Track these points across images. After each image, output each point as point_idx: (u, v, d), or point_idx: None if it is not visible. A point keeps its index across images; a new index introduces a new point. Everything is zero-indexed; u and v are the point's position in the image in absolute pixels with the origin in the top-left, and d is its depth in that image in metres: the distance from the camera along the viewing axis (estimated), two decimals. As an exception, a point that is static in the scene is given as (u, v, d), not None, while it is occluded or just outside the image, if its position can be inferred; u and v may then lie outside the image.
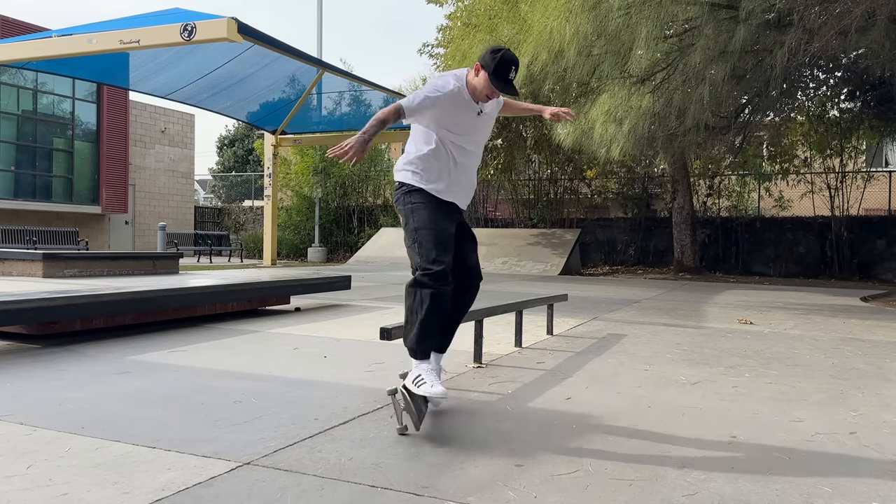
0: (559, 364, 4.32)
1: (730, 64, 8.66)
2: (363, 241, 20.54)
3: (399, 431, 2.74)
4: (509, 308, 4.70)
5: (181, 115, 24.02)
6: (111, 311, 5.01)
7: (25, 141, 18.51)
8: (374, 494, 2.12)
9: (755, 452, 2.61)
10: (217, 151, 45.55)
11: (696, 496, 2.16)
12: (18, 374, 3.69)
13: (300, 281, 7.26)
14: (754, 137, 15.36)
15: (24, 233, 16.16)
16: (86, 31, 10.84)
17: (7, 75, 17.77)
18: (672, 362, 4.47)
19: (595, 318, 6.77)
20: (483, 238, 17.39)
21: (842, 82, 13.03)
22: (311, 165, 21.22)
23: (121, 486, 2.13)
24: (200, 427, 2.77)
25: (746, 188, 18.47)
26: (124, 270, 8.44)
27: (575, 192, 19.42)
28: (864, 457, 2.59)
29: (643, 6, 8.41)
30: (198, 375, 3.76)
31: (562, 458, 2.49)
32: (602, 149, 10.62)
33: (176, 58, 12.45)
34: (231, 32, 9.62)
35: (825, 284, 13.91)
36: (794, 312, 7.79)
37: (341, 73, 14.25)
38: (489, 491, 2.17)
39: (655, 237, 18.07)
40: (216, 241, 20.82)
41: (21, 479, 2.18)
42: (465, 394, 3.48)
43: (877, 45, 8.27)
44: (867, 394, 3.67)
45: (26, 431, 2.67)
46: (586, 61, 9.67)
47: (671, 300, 9.07)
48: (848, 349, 5.18)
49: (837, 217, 16.38)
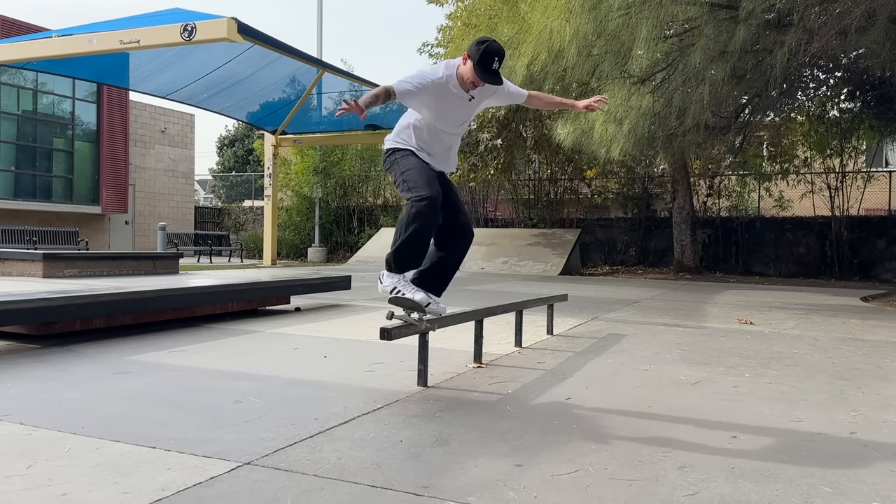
0: (559, 364, 4.32)
1: (730, 64, 8.66)
2: (363, 241, 20.54)
3: (423, 328, 3.37)
4: (509, 308, 4.69)
5: (181, 115, 24.02)
6: (111, 311, 5.00)
7: (25, 141, 18.51)
8: (374, 494, 2.12)
9: (755, 452, 2.61)
10: (217, 151, 45.56)
11: (696, 496, 2.16)
12: (18, 374, 3.69)
13: (300, 281, 7.26)
14: (754, 137, 15.36)
15: (24, 233, 16.15)
16: (86, 32, 10.84)
17: (7, 75, 17.76)
18: (672, 362, 4.47)
19: (595, 318, 6.77)
20: (483, 238, 17.39)
21: (842, 82, 13.03)
22: (311, 165, 21.22)
23: (121, 486, 2.13)
24: (200, 427, 2.77)
25: (746, 188, 18.47)
26: (124, 270, 8.44)
27: (575, 192, 19.42)
28: (864, 457, 2.59)
29: (643, 6, 8.40)
30: (198, 375, 3.76)
31: (562, 458, 2.49)
32: (602, 149, 10.62)
33: (176, 58, 12.45)
34: (231, 32, 9.62)
35: (825, 284, 13.91)
36: (794, 312, 7.79)
37: (341, 73, 14.25)
38: (489, 491, 2.16)
39: (655, 237, 18.07)
40: (216, 242, 20.81)
41: (21, 479, 2.18)
42: (465, 394, 3.48)
43: (877, 45, 8.27)
44: (867, 394, 3.67)
45: (26, 431, 2.67)
46: (586, 61, 9.67)
47: (671, 300, 9.07)
48: (848, 349, 5.18)
49: (837, 217, 16.38)
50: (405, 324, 3.33)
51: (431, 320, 3.44)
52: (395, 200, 22.70)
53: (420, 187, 3.26)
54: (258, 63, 13.11)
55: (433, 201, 3.24)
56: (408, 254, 3.31)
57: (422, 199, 3.22)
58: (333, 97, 16.43)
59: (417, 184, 3.28)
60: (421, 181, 3.30)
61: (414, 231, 3.23)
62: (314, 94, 15.76)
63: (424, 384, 3.60)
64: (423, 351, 3.61)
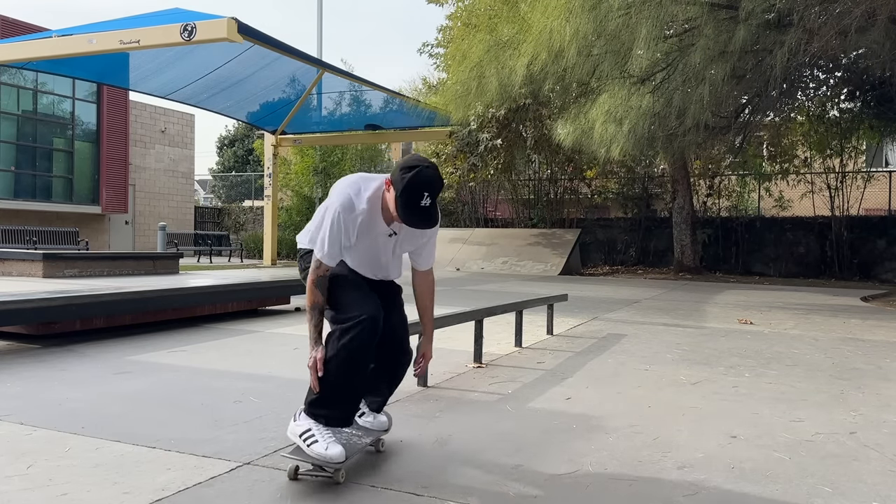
0: (559, 364, 4.32)
1: (730, 64, 8.66)
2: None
3: (339, 479, 2.24)
4: (509, 308, 4.70)
5: (181, 115, 24.02)
6: (111, 311, 5.00)
7: (25, 141, 18.50)
8: (374, 494, 2.12)
9: (755, 452, 2.61)
10: (217, 151, 45.53)
11: (696, 496, 2.16)
12: (18, 374, 3.69)
13: (300, 281, 7.26)
14: (754, 137, 15.36)
15: (24, 233, 16.15)
16: (86, 32, 10.84)
17: (7, 75, 17.76)
18: (672, 362, 4.47)
19: (595, 318, 6.77)
20: (483, 238, 17.39)
21: (842, 82, 13.03)
22: (310, 165, 21.23)
23: (121, 486, 2.13)
24: (200, 427, 2.77)
25: (746, 188, 18.47)
26: (124, 270, 8.44)
27: (575, 192, 19.42)
28: (864, 457, 2.59)
29: (643, 6, 8.40)
30: (198, 375, 3.76)
31: (562, 458, 2.49)
32: (602, 149, 10.61)
33: (176, 58, 12.45)
34: (231, 32, 9.61)
35: (825, 284, 13.91)
36: (794, 312, 7.79)
37: (341, 73, 14.25)
38: (489, 491, 2.17)
39: (655, 237, 18.07)
40: (216, 242, 20.81)
41: (21, 479, 2.18)
42: (465, 394, 3.48)
43: (877, 45, 8.26)
44: (867, 394, 3.67)
45: (26, 431, 2.67)
46: (586, 61, 9.67)
47: (671, 300, 9.07)
48: (848, 349, 5.18)
49: (837, 217, 16.37)
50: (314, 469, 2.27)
51: None
52: (395, 200, 22.66)
53: (349, 306, 2.36)
54: (258, 63, 13.11)
55: (369, 324, 2.31)
56: (333, 397, 2.34)
57: (354, 323, 2.30)
58: (333, 97, 16.44)
59: (347, 301, 2.39)
60: (352, 293, 2.42)
61: (344, 364, 2.30)
62: (314, 94, 15.76)
63: (424, 384, 3.60)
64: (423, 351, 3.61)
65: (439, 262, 16.13)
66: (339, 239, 2.36)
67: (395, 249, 2.55)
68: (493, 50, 11.31)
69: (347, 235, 2.38)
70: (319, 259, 2.39)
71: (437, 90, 18.74)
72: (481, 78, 11.62)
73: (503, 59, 11.10)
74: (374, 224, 2.42)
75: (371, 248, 2.50)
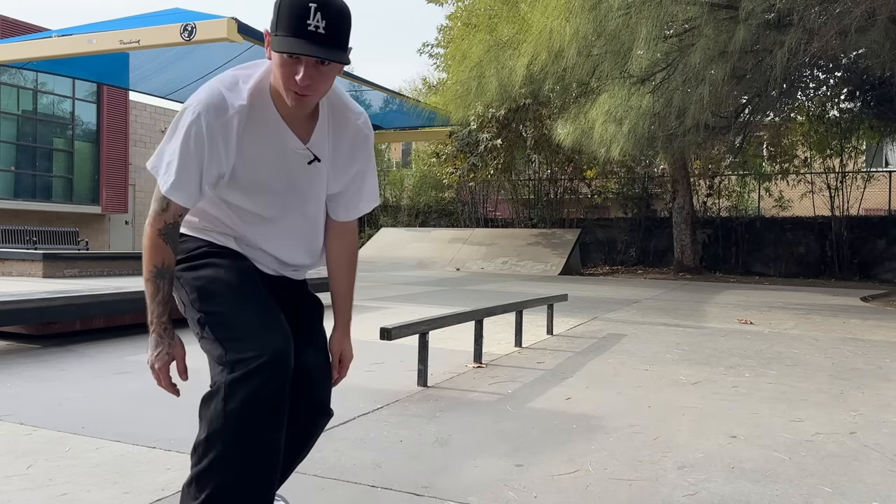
0: (559, 364, 4.32)
1: (730, 64, 8.66)
2: (363, 242, 20.53)
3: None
4: (509, 308, 4.70)
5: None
6: (111, 311, 5.00)
7: (25, 141, 18.51)
8: (374, 494, 2.12)
9: (755, 452, 2.61)
10: (217, 151, 45.55)
11: (696, 496, 2.16)
12: (18, 374, 3.69)
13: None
14: (754, 137, 15.36)
15: (24, 233, 16.14)
16: (86, 31, 10.84)
17: (7, 75, 17.76)
18: (672, 362, 4.47)
19: (595, 317, 6.77)
20: (483, 238, 17.40)
21: (842, 82, 13.03)
22: (311, 165, 21.21)
23: (121, 486, 2.13)
24: (200, 427, 2.76)
25: (746, 188, 18.48)
26: (124, 270, 8.44)
27: (575, 192, 19.42)
28: (864, 457, 2.59)
29: (643, 6, 8.40)
30: (198, 375, 3.75)
31: (562, 458, 2.49)
32: (602, 149, 10.62)
33: (176, 58, 12.44)
34: (231, 32, 9.61)
35: (825, 284, 13.91)
36: (794, 312, 7.79)
37: (341, 72, 14.24)
38: (489, 491, 2.16)
39: (655, 237, 18.07)
40: (216, 241, 20.79)
41: (21, 479, 2.18)
42: (465, 394, 3.48)
43: (877, 45, 8.26)
44: (867, 394, 3.67)
45: (26, 431, 2.67)
46: (586, 61, 9.67)
47: (671, 300, 9.07)
48: (848, 349, 5.18)
49: (837, 217, 16.38)
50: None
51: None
52: (395, 200, 22.72)
53: (242, 334, 1.56)
54: (258, 63, 13.11)
55: (277, 368, 1.50)
56: (236, 486, 1.58)
57: (253, 369, 1.50)
58: (333, 97, 16.42)
59: (233, 322, 1.60)
60: (243, 316, 1.59)
61: (242, 446, 1.56)
62: (314, 94, 15.73)
63: (424, 384, 3.60)
64: (423, 351, 3.61)
65: (440, 261, 16.14)
66: (200, 159, 1.48)
67: (315, 186, 1.63)
68: (493, 50, 11.32)
69: (215, 154, 1.49)
70: (164, 195, 1.51)
71: (437, 90, 18.76)
72: (481, 78, 11.63)
73: (503, 59, 11.11)
74: (270, 134, 1.53)
75: (276, 181, 1.59)
